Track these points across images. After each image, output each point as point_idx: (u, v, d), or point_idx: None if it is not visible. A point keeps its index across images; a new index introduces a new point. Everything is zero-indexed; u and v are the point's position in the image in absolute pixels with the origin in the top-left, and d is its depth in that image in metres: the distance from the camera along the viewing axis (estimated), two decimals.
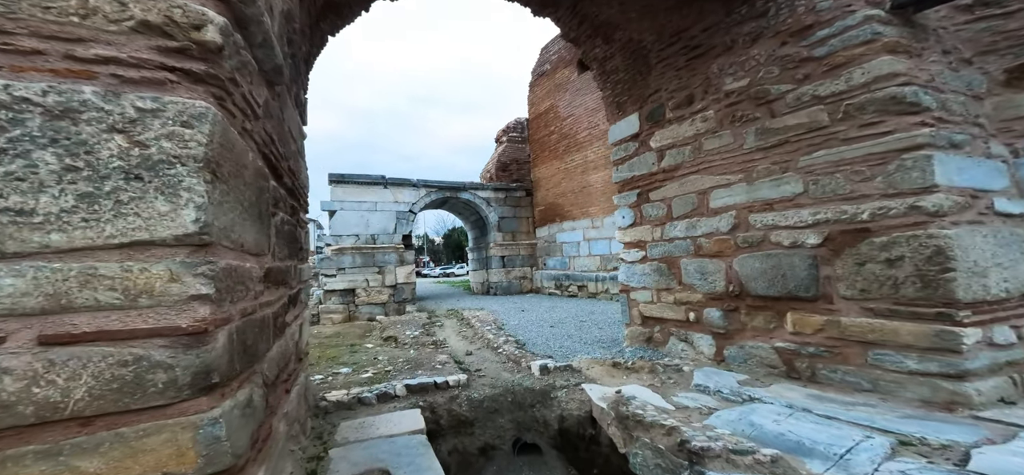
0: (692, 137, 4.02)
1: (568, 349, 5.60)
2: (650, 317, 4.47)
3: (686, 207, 4.07)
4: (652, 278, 4.40)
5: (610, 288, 10.14)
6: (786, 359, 3.33)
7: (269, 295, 1.90)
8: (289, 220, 2.57)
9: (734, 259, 3.61)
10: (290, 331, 2.52)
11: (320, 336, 8.01)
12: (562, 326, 7.30)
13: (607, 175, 10.78)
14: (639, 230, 4.59)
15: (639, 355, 4.30)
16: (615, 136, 5.05)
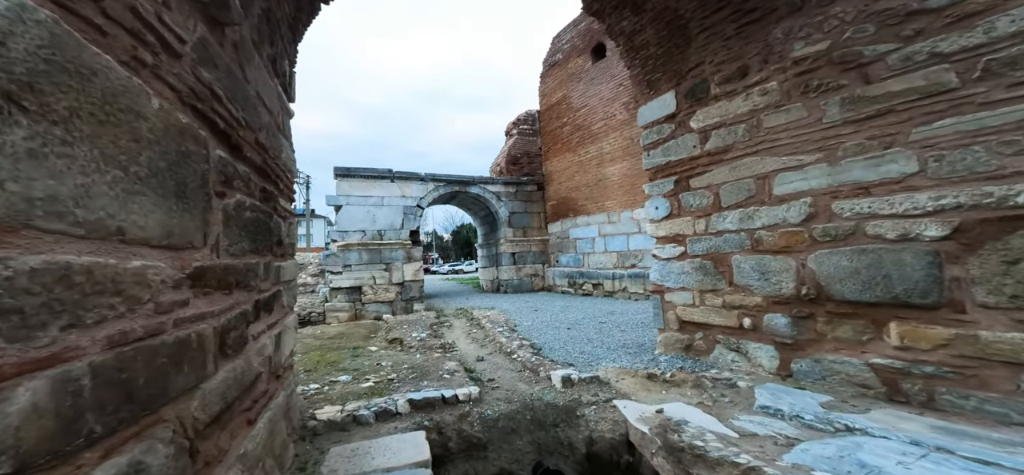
0: (747, 114, 3.38)
1: (590, 355, 5.00)
2: (690, 322, 3.85)
3: (739, 195, 3.43)
4: (693, 277, 3.78)
5: (628, 287, 9.51)
6: (887, 379, 2.67)
7: (205, 304, 1.33)
8: (256, 206, 2.00)
9: (808, 255, 2.97)
10: (257, 346, 1.96)
11: (323, 337, 7.51)
12: (580, 328, 6.70)
13: (625, 167, 10.14)
14: (677, 223, 3.97)
15: (677, 365, 3.69)
16: (646, 118, 4.42)
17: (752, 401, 2.78)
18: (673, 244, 4.02)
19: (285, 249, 2.69)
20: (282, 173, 2.68)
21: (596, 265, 10.96)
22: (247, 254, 1.81)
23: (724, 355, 3.56)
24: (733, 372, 3.26)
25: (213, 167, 1.47)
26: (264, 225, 2.14)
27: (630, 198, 9.88)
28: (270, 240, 2.26)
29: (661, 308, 4.18)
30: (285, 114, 3.02)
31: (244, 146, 1.85)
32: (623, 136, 10.30)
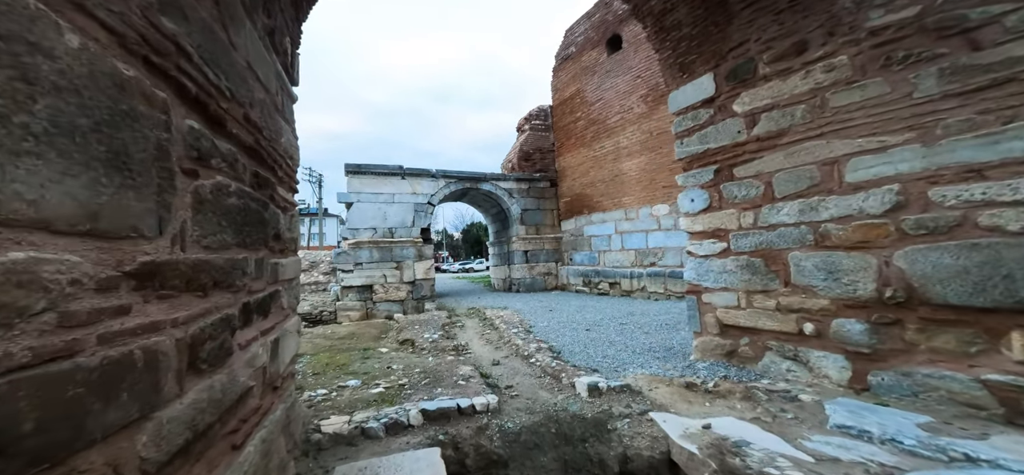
0: (807, 94, 2.98)
1: (614, 360, 4.64)
2: (733, 326, 3.46)
3: (799, 183, 3.02)
4: (738, 277, 3.39)
5: (647, 286, 9.10)
6: (1007, 398, 2.27)
7: (161, 310, 1.02)
8: (245, 192, 1.69)
9: (895, 252, 2.54)
10: (246, 356, 1.65)
11: (333, 337, 7.26)
12: (600, 330, 6.33)
13: (643, 162, 9.72)
14: (717, 216, 3.58)
15: (719, 373, 3.31)
16: (679, 104, 4.04)
17: (823, 418, 2.40)
18: (713, 239, 3.63)
19: (285, 244, 2.38)
20: (281, 159, 2.37)
21: (612, 263, 10.56)
22: (231, 247, 1.50)
23: (777, 363, 3.17)
24: (789, 383, 2.87)
25: (179, 138, 1.15)
26: (256, 215, 1.83)
27: (649, 194, 9.46)
28: (265, 233, 1.95)
29: (697, 310, 3.79)
30: (286, 96, 2.72)
31: (228, 121, 1.54)
32: (641, 130, 9.88)
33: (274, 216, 2.16)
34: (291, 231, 2.57)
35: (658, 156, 9.28)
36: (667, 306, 7.72)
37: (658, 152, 9.29)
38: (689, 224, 3.89)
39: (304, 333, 7.49)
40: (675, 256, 8.63)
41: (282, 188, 2.41)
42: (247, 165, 1.80)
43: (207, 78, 1.35)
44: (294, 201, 2.73)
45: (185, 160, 1.19)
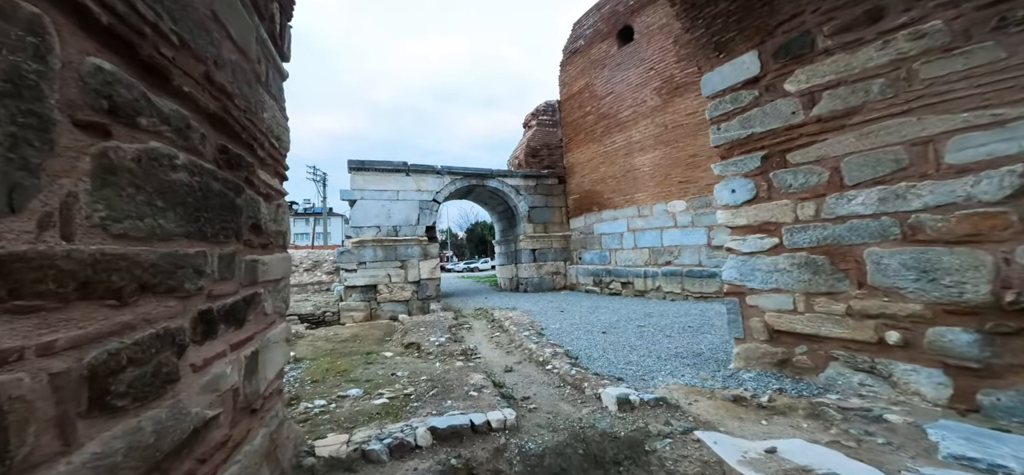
0: (887, 66, 2.54)
1: (639, 367, 4.21)
2: (787, 332, 3.01)
3: (878, 168, 2.55)
4: (794, 276, 2.94)
5: (663, 286, 8.65)
6: None
7: (16, 331, 0.61)
8: (203, 168, 1.29)
9: (1018, 247, 2.07)
10: (205, 379, 1.25)
11: (335, 339, 6.88)
12: (617, 332, 5.90)
13: (658, 157, 9.27)
14: (765, 208, 3.14)
15: (772, 385, 2.89)
16: (714, 86, 3.62)
17: (927, 445, 1.96)
18: (760, 234, 3.19)
19: (268, 238, 1.98)
20: (263, 137, 1.97)
21: (624, 262, 10.12)
22: (175, 238, 1.10)
23: (845, 376, 2.72)
24: (864, 399, 2.44)
25: (71, 78, 0.75)
26: (223, 200, 1.43)
27: (664, 189, 9.02)
28: (235, 222, 1.55)
29: (740, 313, 3.36)
30: (272, 68, 2.32)
31: (174, 74, 1.14)
32: (655, 123, 9.43)
33: (251, 203, 1.76)
34: (277, 223, 2.17)
35: (674, 150, 8.83)
36: (686, 307, 7.28)
37: (674, 146, 8.85)
38: (729, 217, 3.46)
39: (304, 336, 7.11)
40: (693, 255, 8.18)
41: (264, 171, 2.01)
42: (210, 137, 1.40)
43: (135, 9, 0.95)
44: (282, 189, 2.33)
45: (82, 109, 0.79)
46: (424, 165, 11.26)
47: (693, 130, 8.46)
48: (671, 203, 8.77)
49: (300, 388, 4.18)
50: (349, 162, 10.58)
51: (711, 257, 7.79)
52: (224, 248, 1.42)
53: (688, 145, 8.53)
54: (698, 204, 8.16)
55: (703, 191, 8.11)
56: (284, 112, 2.52)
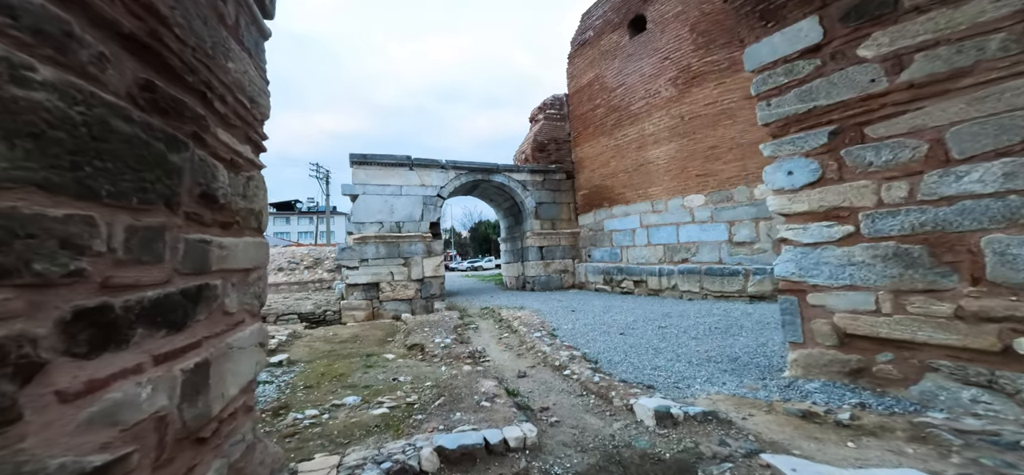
0: (1005, 19, 2.02)
1: (669, 373, 3.75)
2: (865, 337, 2.50)
3: (1001, 137, 1.97)
4: (876, 270, 2.43)
5: (679, 284, 8.16)
6: None
7: None
8: (103, 102, 0.82)
9: None
10: (91, 411, 0.79)
11: (334, 339, 6.45)
12: (636, 334, 5.43)
13: (673, 149, 8.78)
14: (835, 191, 2.64)
15: (848, 399, 2.41)
16: (761, 59, 3.15)
17: None
18: (827, 222, 2.70)
19: (229, 214, 1.53)
20: (226, 91, 1.52)
21: (637, 260, 9.64)
22: (10, 189, 0.63)
23: (950, 391, 2.20)
24: (983, 419, 1.96)
25: None
26: (146, 153, 0.99)
27: (680, 183, 8.53)
28: (168, 186, 1.10)
29: (798, 314, 2.88)
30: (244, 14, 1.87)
31: None
32: (670, 115, 8.95)
33: (202, 167, 1.31)
34: (248, 200, 1.73)
35: (691, 142, 8.34)
36: (706, 307, 6.79)
37: (691, 138, 8.36)
38: (784, 204, 2.97)
39: (302, 336, 6.67)
40: (712, 252, 7.69)
41: (228, 132, 1.56)
42: (123, 65, 0.95)
43: None
44: (255, 160, 1.88)
45: None
46: (428, 159, 10.83)
47: (712, 120, 7.98)
48: (688, 197, 8.28)
49: (291, 395, 3.74)
50: (351, 156, 10.16)
51: (732, 254, 7.29)
52: (140, 218, 0.97)
53: (707, 136, 8.04)
54: (718, 198, 7.67)
55: (724, 184, 7.61)
56: (263, 73, 2.07)
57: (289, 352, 5.37)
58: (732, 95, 7.74)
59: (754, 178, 7.09)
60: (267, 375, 4.25)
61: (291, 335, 6.45)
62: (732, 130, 7.61)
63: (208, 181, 1.34)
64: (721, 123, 7.85)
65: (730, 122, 7.67)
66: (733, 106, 7.68)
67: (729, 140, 7.63)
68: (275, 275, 11.13)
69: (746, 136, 7.34)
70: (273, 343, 5.66)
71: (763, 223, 6.86)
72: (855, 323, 2.55)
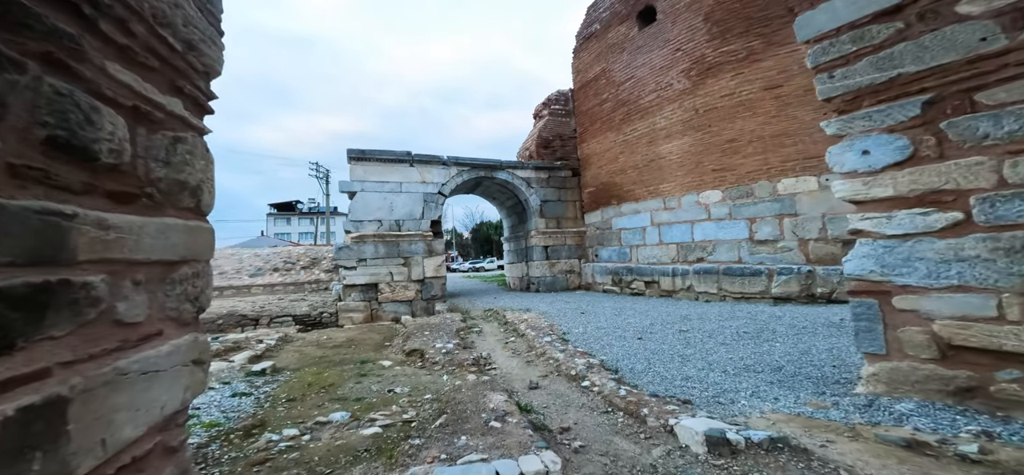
0: None
1: (704, 384, 3.24)
2: (979, 349, 1.97)
3: None
4: (996, 268, 1.87)
5: (695, 285, 7.65)
6: None
7: None
8: None
9: None
10: None
11: (327, 344, 5.96)
12: (655, 339, 4.93)
13: (687, 143, 8.28)
14: (934, 170, 2.10)
15: (963, 425, 1.90)
16: (820, 26, 2.65)
17: None
18: (923, 209, 2.18)
19: (122, 180, 1.04)
20: (132, 15, 1.03)
21: (648, 259, 9.13)
22: None
23: None
24: None
25: None
26: None
27: (695, 179, 8.03)
28: None
29: (880, 320, 2.36)
30: None
31: None
32: (683, 108, 8.46)
33: (53, 102, 0.81)
34: (171, 167, 1.23)
35: (707, 136, 7.85)
36: (727, 310, 6.28)
37: (707, 132, 7.86)
38: (857, 189, 2.45)
39: (293, 339, 6.17)
40: (730, 251, 7.18)
41: (127, 70, 1.08)
42: None
43: None
44: (187, 118, 1.38)
45: None
46: (429, 155, 10.34)
47: (730, 113, 7.48)
48: (703, 193, 7.78)
49: (269, 410, 3.24)
50: (349, 151, 9.68)
51: (753, 253, 6.78)
52: None
53: (724, 129, 7.54)
54: (737, 194, 7.16)
55: (743, 179, 7.10)
56: (213, 20, 1.57)
57: (275, 359, 4.87)
58: (751, 86, 7.25)
59: (776, 172, 6.59)
60: (246, 386, 3.75)
61: (281, 339, 5.96)
62: (752, 123, 7.11)
63: (72, 125, 0.84)
64: (739, 115, 7.35)
65: (749, 114, 7.17)
66: (752, 97, 7.18)
67: (748, 133, 7.13)
68: (270, 276, 10.64)
69: (768, 128, 6.85)
70: (260, 348, 5.16)
71: (788, 220, 6.35)
72: (965, 332, 2.04)
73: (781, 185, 6.46)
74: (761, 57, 7.19)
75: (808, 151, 6.21)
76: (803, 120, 6.34)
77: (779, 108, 6.71)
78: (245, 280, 10.09)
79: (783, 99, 6.69)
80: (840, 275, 5.59)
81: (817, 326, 4.67)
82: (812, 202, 6.07)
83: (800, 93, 6.44)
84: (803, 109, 6.37)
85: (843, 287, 5.53)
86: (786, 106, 6.61)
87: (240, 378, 3.95)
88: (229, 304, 8.92)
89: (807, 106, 6.30)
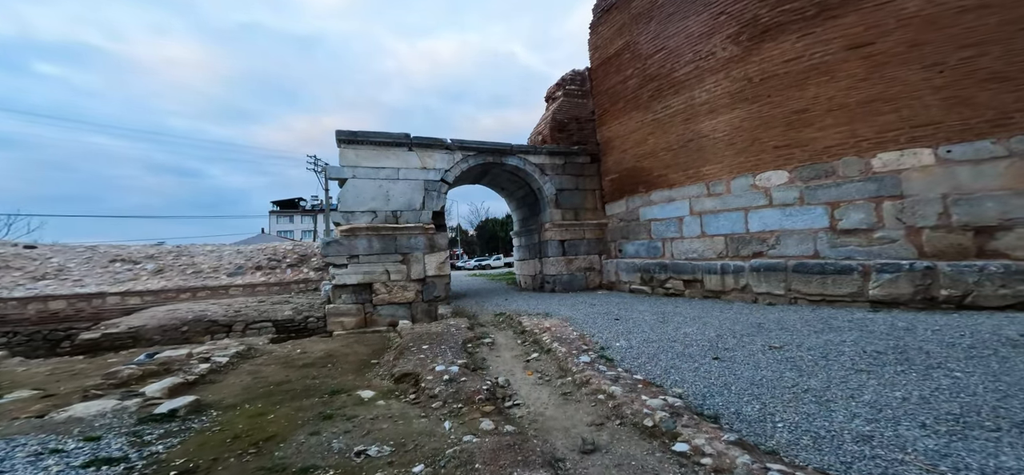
0: None
1: (887, 444, 1.81)
2: None
3: None
4: None
5: (752, 284, 6.20)
6: None
7: None
8: None
9: None
10: None
11: (297, 362, 4.56)
12: (739, 358, 3.52)
13: (739, 118, 6.83)
14: None
15: None
16: None
17: None
18: None
19: None
20: None
21: (686, 254, 7.69)
22: None
23: None
24: None
25: None
26: None
27: (748, 159, 6.59)
28: None
29: None
30: None
31: None
32: (731, 77, 7.01)
33: None
34: None
35: (765, 107, 6.40)
36: (813, 316, 4.82)
37: (765, 102, 6.42)
38: None
39: (256, 355, 4.76)
40: (802, 243, 5.73)
41: None
42: None
43: None
44: None
45: None
46: (430, 138, 8.95)
47: (797, 79, 6.03)
48: (762, 175, 6.33)
49: None
50: (338, 133, 8.31)
51: (836, 245, 5.33)
52: None
53: (790, 99, 6.10)
54: (811, 174, 5.71)
55: (819, 156, 5.65)
56: None
57: (210, 389, 3.46)
58: (827, 46, 5.79)
59: (870, 146, 5.13)
60: (125, 445, 2.32)
61: (239, 355, 4.57)
62: (829, 89, 5.66)
63: None
64: (811, 81, 5.90)
65: (826, 79, 5.72)
66: (830, 60, 5.73)
67: (826, 101, 5.68)
68: (252, 275, 9.28)
69: (854, 95, 5.39)
70: (197, 371, 3.75)
71: (889, 203, 4.89)
72: None
73: (878, 160, 5.01)
74: (838, 12, 5.73)
75: (917, 118, 4.76)
76: (908, 81, 4.89)
77: (870, 70, 5.26)
78: (223, 280, 8.75)
79: (875, 59, 5.24)
80: (978, 273, 4.13)
81: (991, 343, 3.21)
82: (927, 180, 4.62)
83: (901, 50, 5.00)
84: (907, 69, 4.92)
85: (986, 288, 4.07)
86: (880, 67, 5.16)
87: (127, 428, 2.54)
88: (200, 307, 7.56)
89: (913, 65, 4.86)
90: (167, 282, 8.08)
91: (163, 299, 7.83)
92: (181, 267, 8.54)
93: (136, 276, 8.11)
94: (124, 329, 6.27)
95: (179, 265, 8.56)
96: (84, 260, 8.39)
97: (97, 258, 8.49)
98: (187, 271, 8.54)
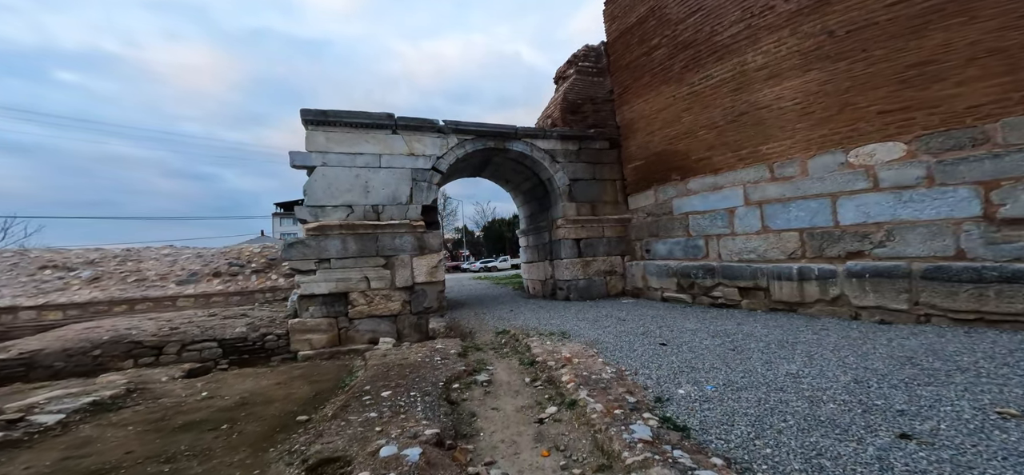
0: None
1: None
2: None
3: None
4: None
5: (849, 295, 4.49)
6: None
7: None
8: None
9: None
10: None
11: (183, 417, 2.98)
12: (939, 435, 1.80)
13: (812, 81, 5.19)
14: None
15: None
16: None
17: None
18: None
19: None
20: None
21: (741, 254, 5.98)
22: None
23: None
24: None
25: None
26: None
27: (834, 130, 4.90)
28: None
29: None
30: None
31: None
32: (799, 33, 5.35)
33: None
34: None
35: (860, 64, 4.72)
36: (974, 343, 3.12)
37: (857, 59, 4.74)
38: None
39: (122, 406, 3.10)
40: (933, 238, 3.98)
41: None
42: None
43: None
44: None
45: None
46: (419, 119, 7.37)
47: (911, 25, 4.35)
48: (860, 150, 4.62)
49: None
50: (303, 113, 6.75)
51: (996, 242, 3.60)
52: None
53: (902, 51, 4.41)
54: (946, 144, 3.99)
55: (959, 119, 3.94)
56: None
57: None
58: None
59: None
60: None
61: (95, 405, 2.95)
62: (969, 31, 3.97)
63: None
64: (932, 25, 4.22)
65: (963, 19, 4.03)
66: None
67: (966, 47, 3.98)
68: (207, 283, 7.71)
69: (1012, 37, 3.69)
70: None
71: None
72: None
73: None
74: None
75: None
76: None
77: None
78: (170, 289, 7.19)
79: None
80: None
81: None
82: None
83: None
84: None
85: None
86: None
87: None
88: (127, 324, 5.98)
89: None
90: (100, 292, 6.60)
91: (91, 313, 6.36)
92: (123, 274, 7.07)
93: (67, 285, 6.68)
94: (15, 355, 4.72)
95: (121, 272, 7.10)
96: (8, 267, 7.00)
97: (24, 264, 7.09)
98: (128, 279, 7.06)
